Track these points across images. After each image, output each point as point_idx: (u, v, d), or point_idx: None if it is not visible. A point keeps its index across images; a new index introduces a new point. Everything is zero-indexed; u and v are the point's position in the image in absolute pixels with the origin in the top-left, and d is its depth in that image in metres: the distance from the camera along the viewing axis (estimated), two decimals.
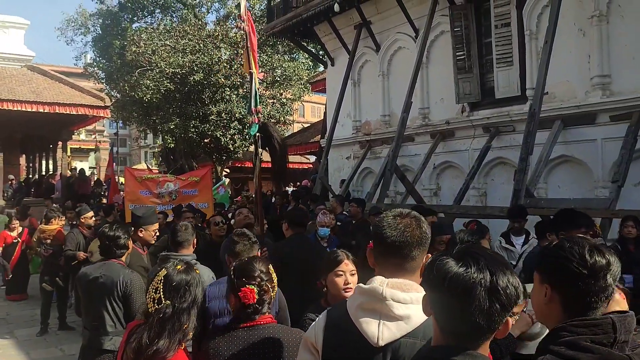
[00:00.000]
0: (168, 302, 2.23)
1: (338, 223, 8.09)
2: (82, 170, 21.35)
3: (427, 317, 1.69)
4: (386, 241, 1.79)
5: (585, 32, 8.21)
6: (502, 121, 9.33)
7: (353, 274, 2.99)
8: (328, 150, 12.41)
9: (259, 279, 2.41)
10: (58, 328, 8.16)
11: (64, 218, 9.50)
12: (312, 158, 20.72)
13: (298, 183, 19.10)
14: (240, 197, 14.83)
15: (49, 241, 8.57)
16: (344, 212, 8.95)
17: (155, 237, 5.12)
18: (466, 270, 1.32)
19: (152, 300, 2.27)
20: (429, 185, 10.77)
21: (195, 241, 4.26)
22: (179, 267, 2.35)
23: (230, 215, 9.20)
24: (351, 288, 2.84)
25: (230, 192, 18.25)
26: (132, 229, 4.65)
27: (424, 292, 1.77)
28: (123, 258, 4.05)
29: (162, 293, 2.26)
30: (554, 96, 8.48)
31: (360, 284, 1.82)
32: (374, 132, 12.25)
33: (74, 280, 6.68)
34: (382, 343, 1.69)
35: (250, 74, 5.82)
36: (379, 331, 1.69)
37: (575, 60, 8.33)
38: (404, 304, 1.70)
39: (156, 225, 5.12)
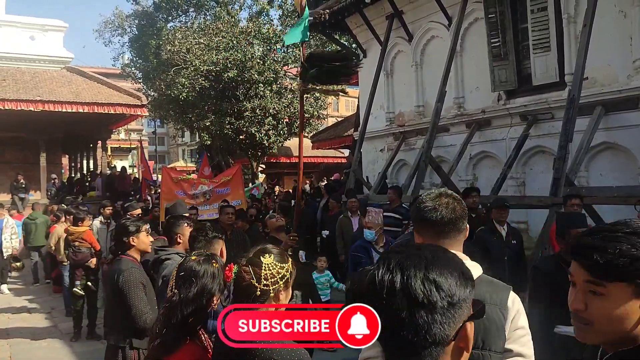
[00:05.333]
0: (176, 290, 2.25)
1: (397, 216, 7.79)
2: (123, 167, 21.80)
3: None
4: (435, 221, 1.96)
5: (626, 14, 7.90)
6: (540, 108, 9.07)
7: None
8: (361, 142, 12.31)
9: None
10: (86, 337, 7.67)
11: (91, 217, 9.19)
12: (347, 152, 20.64)
13: (331, 178, 19.07)
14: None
15: (77, 243, 8.10)
16: (403, 205, 8.42)
17: None
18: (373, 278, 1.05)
19: (170, 288, 2.31)
20: (465, 176, 10.57)
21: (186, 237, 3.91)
22: (194, 257, 2.37)
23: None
24: None
25: (265, 189, 18.40)
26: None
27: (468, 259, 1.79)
28: (133, 253, 3.84)
29: (174, 281, 2.29)
30: (594, 81, 8.19)
31: None
32: (407, 124, 12.09)
33: None
34: None
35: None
36: None
37: (616, 43, 8.02)
38: None
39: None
